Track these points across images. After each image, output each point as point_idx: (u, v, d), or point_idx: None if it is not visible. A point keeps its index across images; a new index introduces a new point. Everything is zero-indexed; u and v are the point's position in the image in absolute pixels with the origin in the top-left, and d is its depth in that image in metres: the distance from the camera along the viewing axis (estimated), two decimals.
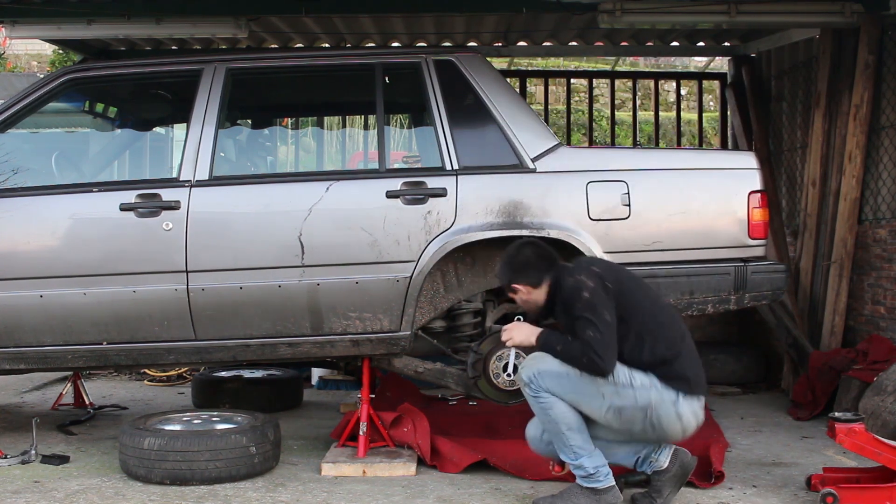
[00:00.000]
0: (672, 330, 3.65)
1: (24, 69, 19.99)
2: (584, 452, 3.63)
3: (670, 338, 3.62)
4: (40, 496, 3.89)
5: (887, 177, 5.82)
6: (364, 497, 3.88)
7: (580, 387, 3.58)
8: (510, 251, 3.80)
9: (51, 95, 4.60)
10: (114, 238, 4.33)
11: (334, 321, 4.33)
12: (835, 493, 3.63)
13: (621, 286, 3.61)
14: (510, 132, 4.42)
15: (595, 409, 3.61)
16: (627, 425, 3.62)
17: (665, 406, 3.56)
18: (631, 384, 3.56)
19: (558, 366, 3.60)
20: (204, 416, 4.53)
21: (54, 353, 4.38)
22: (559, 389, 3.60)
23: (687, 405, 3.59)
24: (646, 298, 3.68)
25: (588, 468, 3.63)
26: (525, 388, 3.67)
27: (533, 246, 3.78)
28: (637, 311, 3.60)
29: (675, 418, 3.58)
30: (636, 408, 3.56)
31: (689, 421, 3.60)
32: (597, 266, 3.67)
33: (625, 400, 3.56)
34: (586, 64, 16.20)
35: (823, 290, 6.16)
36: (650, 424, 3.58)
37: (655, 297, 3.78)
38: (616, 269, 3.74)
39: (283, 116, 7.32)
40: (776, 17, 5.83)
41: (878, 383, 4.88)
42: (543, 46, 7.91)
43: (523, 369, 3.68)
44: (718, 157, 4.89)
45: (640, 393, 3.56)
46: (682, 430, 3.62)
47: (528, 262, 3.72)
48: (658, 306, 3.71)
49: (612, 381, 3.55)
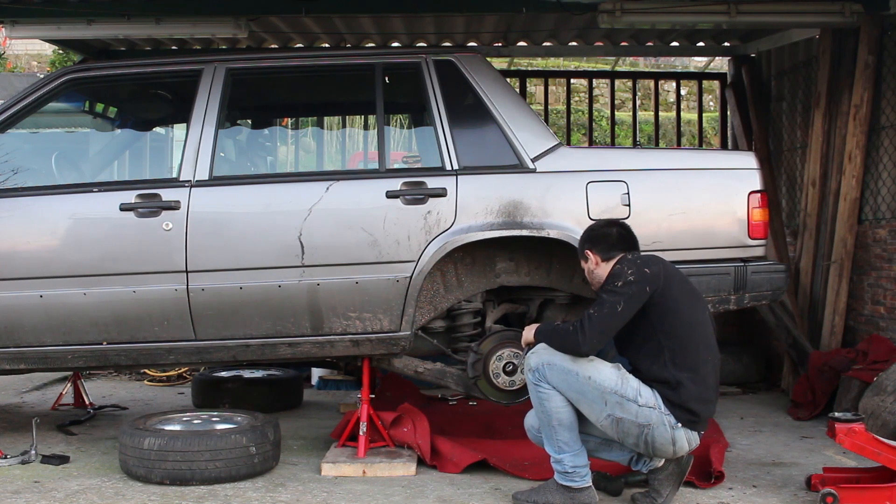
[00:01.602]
0: (695, 357, 3.61)
1: (24, 69, 19.98)
2: (569, 449, 3.65)
3: (691, 364, 3.59)
4: (40, 496, 3.89)
5: (887, 177, 5.83)
6: (364, 497, 3.88)
7: (585, 388, 3.59)
8: (599, 223, 3.93)
9: (51, 95, 4.60)
10: (114, 238, 4.33)
11: (334, 321, 4.33)
12: (835, 493, 3.63)
13: (668, 293, 3.60)
14: (510, 132, 4.42)
15: (594, 412, 3.61)
16: (621, 435, 3.64)
17: (662, 429, 3.58)
18: (636, 400, 3.57)
19: (569, 361, 3.61)
20: (204, 416, 4.53)
21: (54, 353, 4.38)
22: (563, 385, 3.61)
23: (684, 435, 3.62)
24: (687, 316, 3.63)
25: (567, 466, 3.64)
26: (529, 374, 3.68)
27: (620, 227, 3.85)
28: (671, 324, 3.59)
29: (668, 442, 3.61)
30: (634, 423, 3.58)
31: (682, 447, 3.64)
32: (653, 267, 3.63)
33: (626, 413, 3.57)
34: (586, 64, 16.19)
35: (823, 290, 6.16)
36: (644, 441, 3.61)
37: (700, 319, 3.68)
38: (672, 278, 3.66)
39: (283, 116, 7.31)
40: (776, 17, 5.83)
41: (878, 383, 4.88)
42: (543, 46, 7.91)
43: (533, 354, 3.69)
44: (718, 157, 4.89)
45: (642, 411, 3.57)
46: (674, 453, 3.65)
47: (609, 235, 3.80)
48: (696, 329, 3.65)
49: (618, 392, 3.56)
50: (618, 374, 3.61)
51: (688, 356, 3.60)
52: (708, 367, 3.64)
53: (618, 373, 3.61)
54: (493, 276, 4.48)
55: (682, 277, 3.75)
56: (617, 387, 3.57)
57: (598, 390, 3.57)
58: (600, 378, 3.58)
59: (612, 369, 3.62)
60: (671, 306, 3.60)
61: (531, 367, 3.68)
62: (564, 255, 4.38)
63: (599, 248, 3.78)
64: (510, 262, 4.47)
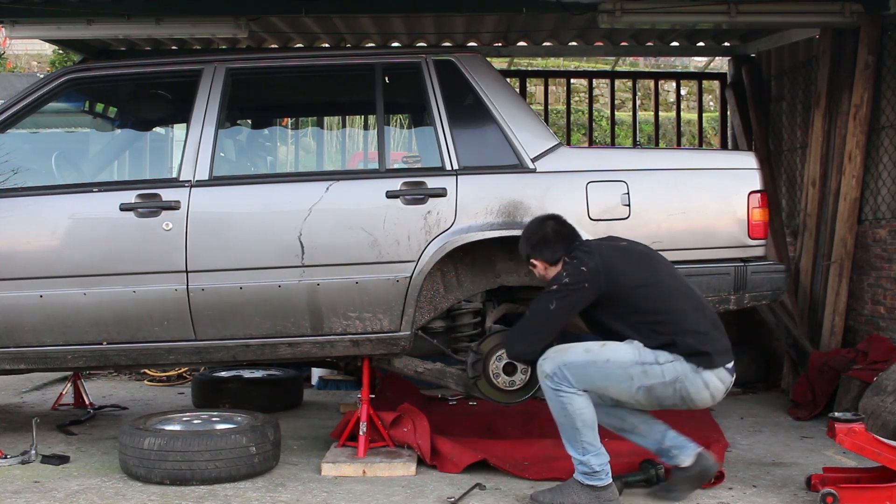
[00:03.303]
0: (672, 311, 3.67)
1: (24, 69, 19.99)
2: (593, 449, 3.67)
3: (672, 319, 3.66)
4: (40, 496, 3.89)
5: (887, 177, 5.83)
6: (364, 497, 3.88)
7: (608, 372, 3.64)
8: (532, 225, 3.89)
9: (51, 95, 4.60)
10: (114, 238, 4.32)
11: (334, 321, 4.33)
12: (835, 493, 3.63)
13: (613, 279, 3.64)
14: (510, 132, 4.42)
15: (624, 390, 3.66)
16: (657, 401, 3.69)
17: (691, 377, 3.63)
18: (656, 360, 3.63)
19: (583, 354, 3.65)
20: (204, 416, 4.53)
21: (54, 353, 4.38)
22: (586, 379, 3.64)
23: (712, 375, 3.66)
24: (643, 285, 3.68)
25: (594, 466, 3.66)
26: (546, 381, 3.69)
27: (554, 222, 3.85)
28: (633, 301, 3.66)
29: (702, 387, 3.65)
30: (664, 384, 3.63)
31: (717, 387, 3.68)
32: (590, 263, 3.66)
33: (653, 378, 3.62)
34: (586, 64, 16.20)
35: (823, 290, 6.16)
36: (680, 398, 3.66)
37: (655, 280, 3.73)
38: (612, 262, 3.69)
39: (283, 116, 7.31)
40: (776, 17, 5.83)
41: (878, 383, 4.88)
42: (543, 46, 7.91)
43: (545, 361, 3.70)
44: (718, 157, 4.89)
45: (666, 368, 3.62)
46: (711, 396, 3.70)
47: (546, 237, 3.81)
48: (657, 290, 3.70)
49: (639, 362, 3.62)
50: (631, 346, 3.68)
51: (666, 317, 3.66)
52: (689, 313, 3.69)
53: (631, 345, 3.68)
54: (493, 276, 4.48)
55: (622, 250, 3.78)
56: (636, 357, 3.64)
57: (621, 367, 3.62)
58: (617, 356, 3.65)
59: (625, 345, 3.69)
60: (623, 288, 3.66)
61: (547, 373, 3.67)
62: None
63: (543, 255, 3.82)
64: (510, 262, 4.47)
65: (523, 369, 4.35)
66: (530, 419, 5.19)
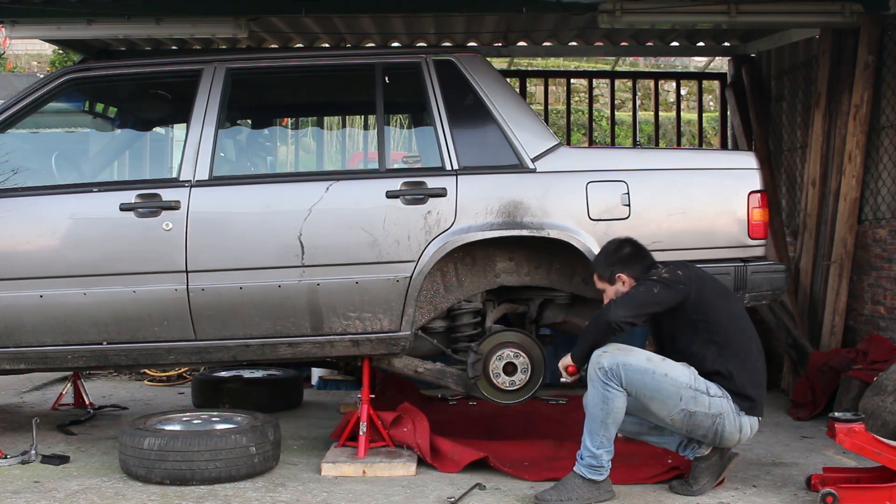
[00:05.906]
0: (740, 346, 3.81)
1: (24, 69, 19.97)
2: (607, 445, 3.76)
3: (738, 354, 3.79)
4: (40, 496, 3.89)
5: (887, 177, 5.83)
6: (364, 497, 3.88)
7: (662, 386, 3.72)
8: (612, 245, 4.00)
9: (51, 95, 4.60)
10: (114, 238, 4.32)
11: (334, 321, 4.33)
12: (835, 493, 3.64)
13: (702, 293, 3.79)
14: (510, 132, 4.42)
15: (667, 408, 3.75)
16: (691, 428, 3.78)
17: (731, 417, 3.76)
18: (708, 391, 3.74)
19: (645, 362, 3.74)
20: (204, 416, 4.53)
21: (54, 353, 4.38)
22: (639, 384, 3.71)
23: (748, 421, 3.80)
24: (724, 310, 3.83)
25: (604, 461, 3.74)
26: (598, 372, 3.73)
27: (632, 242, 3.99)
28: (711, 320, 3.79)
29: (736, 430, 3.78)
30: (707, 415, 3.73)
31: (746, 434, 3.84)
32: (685, 270, 3.84)
33: (699, 406, 3.73)
34: (586, 64, 16.18)
35: (823, 290, 6.16)
36: (714, 431, 3.77)
37: (736, 312, 3.89)
38: (703, 278, 3.87)
39: (283, 116, 7.31)
40: (776, 17, 5.83)
41: (878, 383, 4.88)
42: (543, 46, 7.91)
43: (605, 355, 3.76)
44: (718, 157, 4.89)
45: (714, 402, 3.74)
46: (739, 440, 3.84)
47: (632, 253, 3.94)
48: (736, 322, 3.85)
49: (692, 387, 3.72)
50: (688, 370, 3.77)
51: (733, 346, 3.78)
52: (754, 354, 3.84)
53: (688, 369, 3.77)
54: (493, 276, 4.48)
55: (711, 276, 3.94)
56: (691, 381, 3.74)
57: (675, 386, 3.71)
58: (676, 374, 3.73)
59: (683, 366, 3.77)
60: (708, 304, 3.78)
61: (603, 366, 3.73)
62: (564, 255, 4.38)
63: (633, 270, 3.91)
64: (510, 262, 4.47)
65: (523, 369, 4.35)
66: (530, 419, 5.19)
